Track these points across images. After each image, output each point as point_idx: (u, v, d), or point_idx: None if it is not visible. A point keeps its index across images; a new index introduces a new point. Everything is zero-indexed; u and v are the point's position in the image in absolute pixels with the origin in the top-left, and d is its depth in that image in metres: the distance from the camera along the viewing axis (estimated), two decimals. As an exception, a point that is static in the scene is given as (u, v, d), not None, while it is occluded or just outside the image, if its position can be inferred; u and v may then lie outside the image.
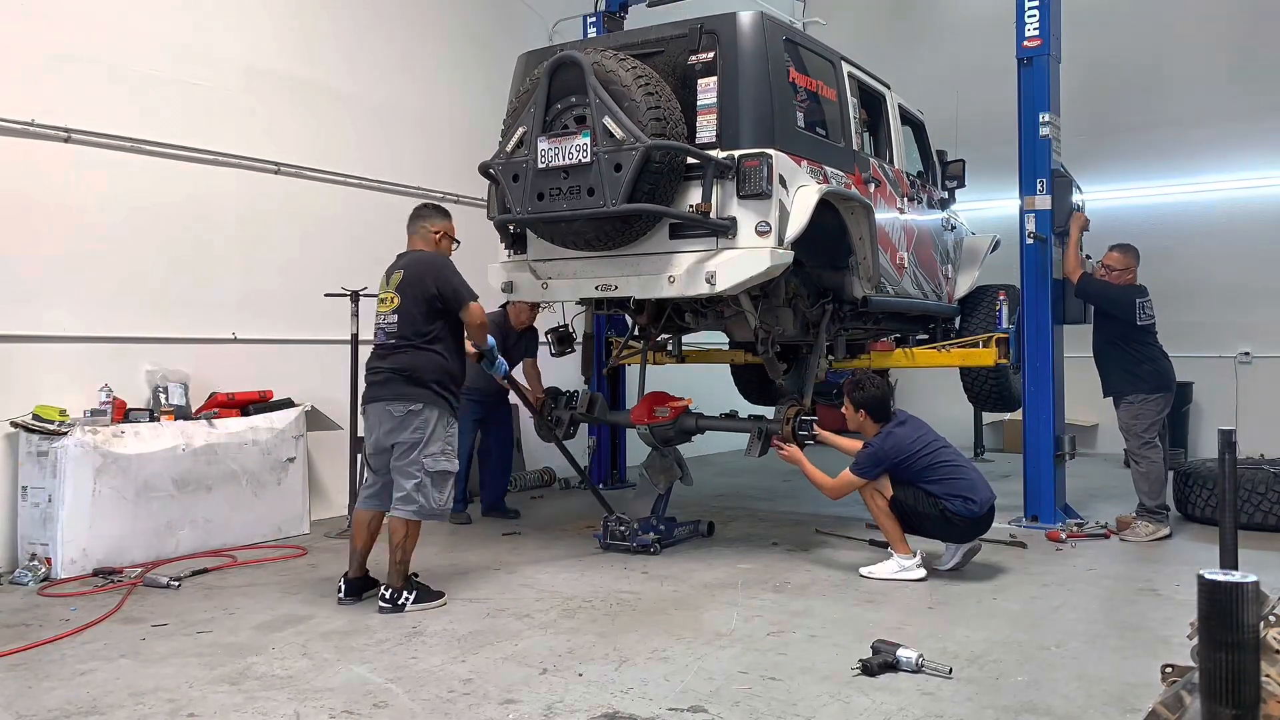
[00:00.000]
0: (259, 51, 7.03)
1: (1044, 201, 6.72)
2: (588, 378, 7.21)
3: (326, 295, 6.89)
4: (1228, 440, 3.23)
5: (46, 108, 5.83)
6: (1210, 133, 10.52)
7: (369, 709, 3.45)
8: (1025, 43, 6.76)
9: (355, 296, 6.81)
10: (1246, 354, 10.41)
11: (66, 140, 5.93)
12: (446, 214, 5.21)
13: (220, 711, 3.44)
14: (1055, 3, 6.72)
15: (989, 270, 8.38)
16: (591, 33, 8.84)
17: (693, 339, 7.83)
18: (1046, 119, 6.71)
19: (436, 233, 5.10)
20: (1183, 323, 10.60)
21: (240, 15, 6.93)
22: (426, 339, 4.83)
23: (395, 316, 4.84)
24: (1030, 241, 6.78)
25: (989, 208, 10.46)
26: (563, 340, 6.73)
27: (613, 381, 8.56)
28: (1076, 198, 6.96)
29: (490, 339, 5.18)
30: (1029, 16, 6.72)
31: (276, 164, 7.08)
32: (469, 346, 5.19)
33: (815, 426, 5.85)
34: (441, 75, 8.40)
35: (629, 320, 6.98)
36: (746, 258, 5.27)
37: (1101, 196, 9.73)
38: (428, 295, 4.82)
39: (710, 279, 5.30)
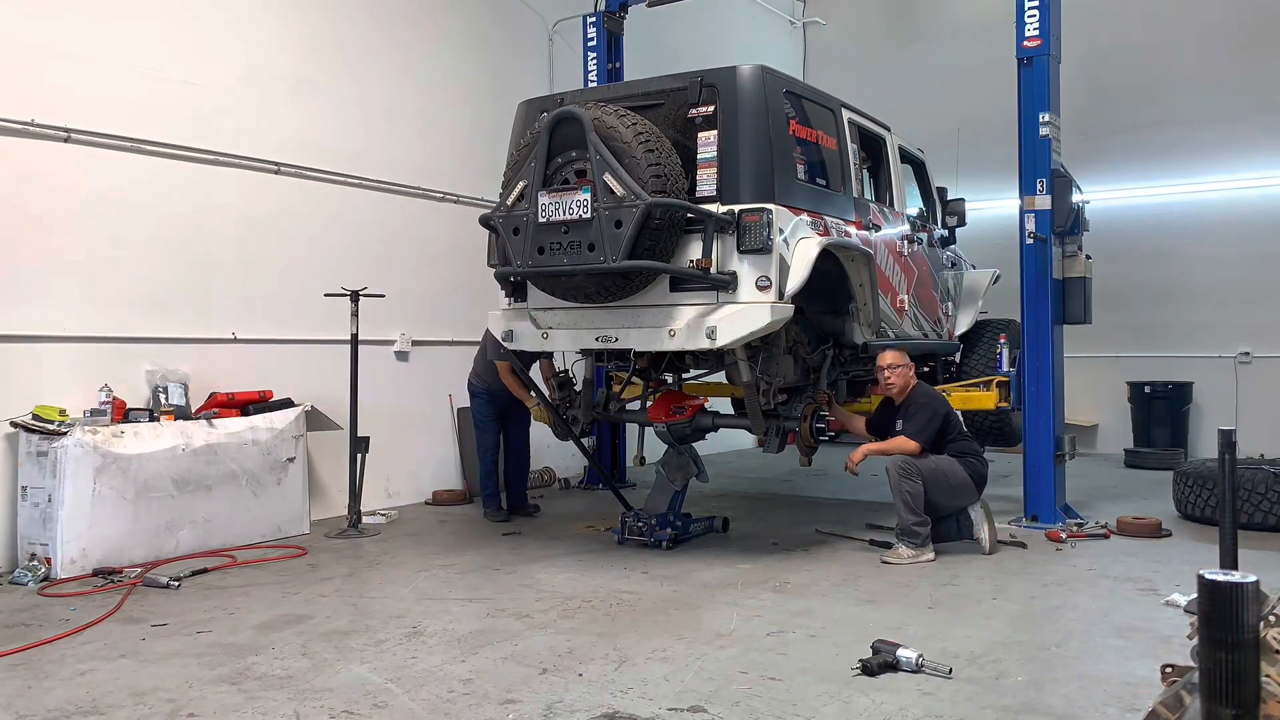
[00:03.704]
0: (259, 51, 7.03)
1: (1044, 201, 6.71)
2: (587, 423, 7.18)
3: (326, 295, 6.89)
4: (1228, 440, 3.24)
5: (46, 108, 5.83)
6: (1210, 133, 10.51)
7: (369, 709, 3.45)
8: (1025, 43, 6.76)
9: (355, 296, 6.81)
10: (1246, 354, 10.40)
11: (66, 140, 5.93)
12: None
13: (220, 711, 3.44)
14: (1055, 3, 6.71)
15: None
16: (591, 32, 8.87)
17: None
18: (1046, 119, 6.71)
19: None
20: (1183, 323, 10.68)
21: (240, 15, 6.92)
22: None
23: None
24: (1030, 241, 6.78)
25: (989, 208, 10.46)
26: (563, 386, 6.77)
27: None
28: (1077, 197, 6.96)
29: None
30: (1029, 16, 6.71)
31: (276, 164, 7.08)
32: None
33: (829, 421, 5.99)
34: (441, 75, 8.40)
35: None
36: (747, 313, 5.30)
37: (1101, 196, 9.72)
38: None
39: (711, 334, 5.32)
